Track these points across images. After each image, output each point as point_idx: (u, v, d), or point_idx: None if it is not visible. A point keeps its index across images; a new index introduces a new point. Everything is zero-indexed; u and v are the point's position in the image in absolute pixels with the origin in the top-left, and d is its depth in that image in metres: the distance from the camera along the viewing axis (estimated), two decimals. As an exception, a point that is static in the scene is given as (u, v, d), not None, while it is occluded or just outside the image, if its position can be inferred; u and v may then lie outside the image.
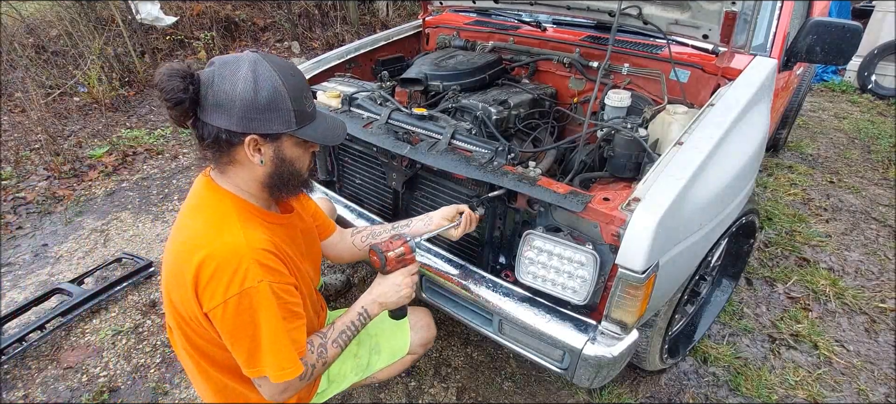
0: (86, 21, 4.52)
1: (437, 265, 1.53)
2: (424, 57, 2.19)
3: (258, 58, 0.95)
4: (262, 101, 0.93)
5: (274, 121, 0.96)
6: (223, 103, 0.92)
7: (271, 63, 0.96)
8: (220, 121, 0.93)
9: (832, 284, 2.33)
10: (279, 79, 0.95)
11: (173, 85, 0.89)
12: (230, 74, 0.92)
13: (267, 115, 0.95)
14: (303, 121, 1.00)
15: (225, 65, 0.94)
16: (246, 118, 0.93)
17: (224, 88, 0.92)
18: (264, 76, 0.93)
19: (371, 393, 1.77)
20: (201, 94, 0.93)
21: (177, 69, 0.91)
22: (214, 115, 0.93)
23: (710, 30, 1.67)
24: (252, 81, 0.92)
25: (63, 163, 3.28)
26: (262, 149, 0.99)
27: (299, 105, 0.98)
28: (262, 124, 0.95)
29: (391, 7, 6.82)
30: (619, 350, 1.23)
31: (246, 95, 0.92)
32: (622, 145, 1.38)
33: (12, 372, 1.85)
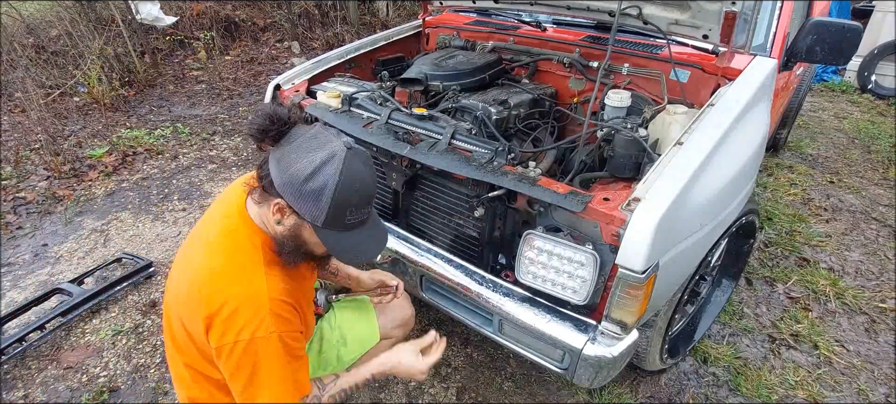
0: (86, 21, 4.52)
1: (437, 265, 1.53)
2: (424, 57, 2.19)
3: (341, 155, 0.96)
4: (309, 189, 0.95)
5: (305, 208, 0.98)
6: (281, 165, 0.96)
7: (347, 168, 0.96)
8: (273, 172, 0.98)
9: (832, 284, 2.33)
10: (337, 184, 0.96)
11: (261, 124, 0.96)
12: (307, 150, 0.96)
13: (303, 200, 0.97)
14: (333, 226, 1.00)
15: (314, 138, 0.97)
16: (287, 186, 0.96)
17: (291, 155, 0.96)
18: (325, 174, 0.95)
19: (371, 394, 1.77)
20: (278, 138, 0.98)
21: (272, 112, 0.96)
22: (274, 166, 0.98)
23: (710, 30, 1.67)
24: (313, 169, 0.95)
25: (63, 163, 3.28)
26: (285, 217, 1.01)
27: (338, 213, 0.99)
28: (294, 201, 0.98)
29: (391, 7, 6.82)
30: (619, 350, 1.23)
31: (300, 174, 0.95)
32: (622, 145, 1.38)
33: (12, 372, 1.85)
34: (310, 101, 1.87)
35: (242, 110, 4.44)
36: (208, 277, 1.01)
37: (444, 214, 1.61)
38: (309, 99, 1.92)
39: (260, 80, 5.13)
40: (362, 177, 0.99)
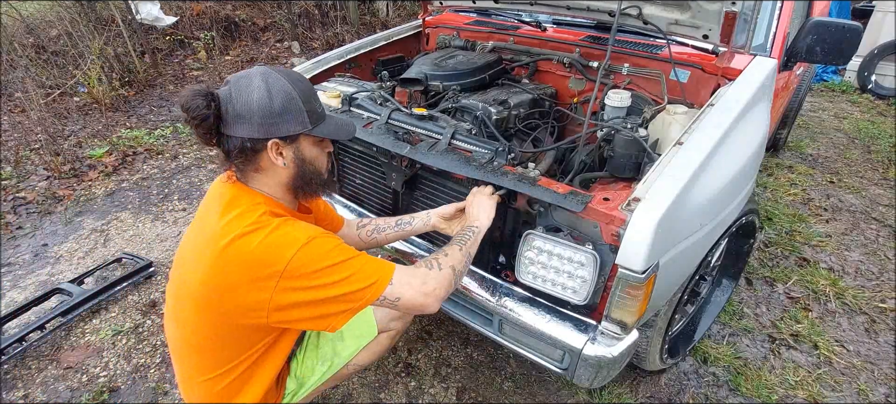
0: (86, 21, 4.52)
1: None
2: (424, 57, 2.19)
3: (267, 69, 1.04)
4: (278, 106, 1.02)
5: (291, 123, 1.04)
6: (243, 114, 1.01)
7: (279, 72, 1.05)
8: (243, 131, 1.01)
9: (832, 284, 2.33)
10: (289, 85, 1.04)
11: (197, 104, 0.97)
12: (245, 87, 1.01)
13: (284, 119, 1.03)
14: (316, 121, 1.09)
15: (238, 80, 1.03)
16: (265, 124, 1.02)
17: (242, 100, 1.00)
18: (276, 84, 1.02)
19: (371, 394, 1.77)
20: (223, 111, 1.01)
21: (198, 90, 0.99)
22: (237, 127, 1.01)
23: (710, 30, 1.67)
24: (266, 90, 1.01)
25: (63, 163, 3.28)
26: (284, 152, 1.07)
27: (310, 106, 1.08)
28: (280, 128, 1.03)
29: (391, 7, 6.82)
30: (619, 350, 1.23)
31: (263, 103, 1.00)
32: (622, 145, 1.38)
33: (12, 372, 1.85)
34: (310, 101, 1.87)
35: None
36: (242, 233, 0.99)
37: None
38: (309, 99, 1.92)
39: (260, 80, 5.12)
40: (290, 72, 1.09)
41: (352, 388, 1.78)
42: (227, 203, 1.06)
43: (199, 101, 0.97)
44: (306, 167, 1.12)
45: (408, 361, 1.91)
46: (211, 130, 1.02)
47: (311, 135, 1.09)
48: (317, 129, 1.09)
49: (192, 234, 1.11)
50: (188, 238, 1.13)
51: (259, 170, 1.08)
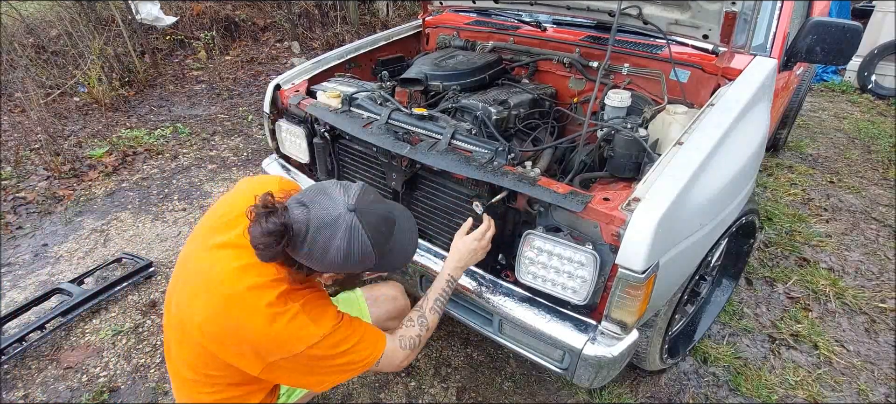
0: (86, 21, 4.52)
1: (436, 265, 1.53)
2: (424, 57, 2.19)
3: (354, 222, 0.97)
4: (351, 264, 0.99)
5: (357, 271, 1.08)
6: (314, 259, 0.97)
7: (366, 226, 0.98)
8: (306, 262, 0.99)
9: (832, 284, 2.33)
10: (370, 244, 0.99)
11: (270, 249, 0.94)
12: (324, 241, 0.96)
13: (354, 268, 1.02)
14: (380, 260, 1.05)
15: (321, 228, 0.96)
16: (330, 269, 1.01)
17: (317, 251, 0.96)
18: (357, 246, 0.98)
19: (371, 394, 1.77)
20: (293, 243, 0.96)
21: (273, 231, 0.92)
22: (303, 258, 0.98)
23: (710, 30, 1.67)
24: (344, 251, 0.97)
25: (63, 163, 3.28)
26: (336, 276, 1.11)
27: (381, 251, 1.04)
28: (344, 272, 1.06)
29: (391, 7, 6.82)
30: (619, 350, 1.23)
31: (336, 260, 0.97)
32: (622, 145, 1.38)
33: (12, 372, 1.85)
34: (310, 101, 1.88)
35: (242, 110, 4.44)
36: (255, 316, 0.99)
37: (444, 214, 1.61)
38: (309, 99, 1.92)
39: (260, 80, 5.13)
40: (378, 218, 1.02)
41: (352, 388, 1.78)
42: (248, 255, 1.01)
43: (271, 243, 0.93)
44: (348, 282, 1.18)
45: (408, 361, 1.91)
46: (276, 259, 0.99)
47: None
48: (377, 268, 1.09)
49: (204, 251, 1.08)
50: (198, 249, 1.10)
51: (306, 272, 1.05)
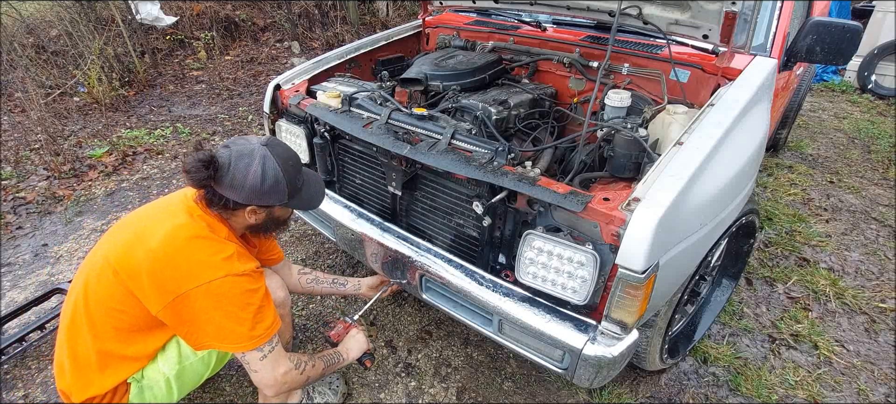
0: (86, 21, 4.52)
1: (437, 265, 1.53)
2: (424, 57, 2.19)
3: (267, 153, 1.23)
4: (267, 187, 1.24)
5: (272, 199, 1.27)
6: (235, 186, 1.21)
7: (277, 156, 1.25)
8: (231, 195, 1.22)
9: (832, 284, 2.33)
10: (281, 171, 1.25)
11: (198, 169, 1.16)
12: (244, 166, 1.21)
13: (268, 196, 1.25)
14: (293, 194, 1.31)
15: (241, 155, 1.22)
16: (251, 197, 1.24)
17: (238, 176, 1.21)
18: (270, 170, 1.23)
19: (371, 394, 1.77)
20: (218, 175, 1.20)
21: (202, 159, 1.16)
22: (227, 191, 1.22)
23: (710, 30, 1.67)
24: (261, 173, 1.22)
25: (63, 163, 3.28)
26: (257, 213, 1.29)
27: (293, 186, 1.30)
28: (261, 201, 1.26)
29: (391, 7, 6.82)
30: (619, 350, 1.23)
31: (254, 183, 1.22)
32: (622, 145, 1.38)
33: (12, 372, 1.85)
34: (310, 101, 1.88)
35: (242, 110, 4.44)
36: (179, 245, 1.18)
37: (443, 214, 1.61)
38: (309, 99, 1.92)
39: (260, 80, 5.13)
40: (286, 152, 1.30)
41: (352, 388, 1.78)
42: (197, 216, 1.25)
43: (200, 168, 1.15)
44: (271, 222, 1.36)
45: (408, 361, 1.91)
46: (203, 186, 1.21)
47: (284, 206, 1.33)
48: (291, 202, 1.33)
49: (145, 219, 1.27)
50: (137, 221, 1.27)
51: (230, 215, 1.29)
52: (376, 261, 1.73)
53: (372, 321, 2.09)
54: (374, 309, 2.15)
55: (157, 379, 1.31)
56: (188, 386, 1.38)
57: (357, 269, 2.39)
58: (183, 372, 1.34)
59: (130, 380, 1.28)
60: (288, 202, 1.31)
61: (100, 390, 1.24)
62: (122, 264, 1.19)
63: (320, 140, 1.87)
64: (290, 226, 1.55)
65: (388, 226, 1.72)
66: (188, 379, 1.37)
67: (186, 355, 1.34)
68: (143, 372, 1.30)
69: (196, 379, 1.40)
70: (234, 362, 1.85)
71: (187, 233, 1.20)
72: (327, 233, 1.92)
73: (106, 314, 1.21)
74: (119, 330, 1.22)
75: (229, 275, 1.18)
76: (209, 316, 1.19)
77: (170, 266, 1.16)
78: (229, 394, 1.75)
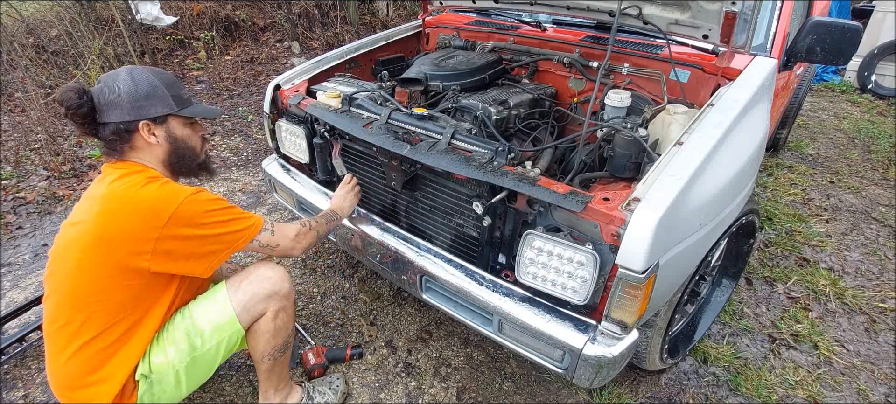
0: (86, 21, 4.52)
1: (436, 265, 1.53)
2: (424, 57, 2.19)
3: (132, 66, 1.26)
4: (143, 91, 1.22)
5: (157, 105, 1.24)
6: (112, 101, 1.20)
7: (143, 67, 1.27)
8: (115, 116, 1.21)
9: (832, 284, 2.33)
10: (152, 75, 1.25)
11: (70, 96, 1.16)
12: (112, 80, 1.21)
13: (150, 102, 1.23)
14: (182, 104, 1.30)
15: (107, 76, 1.23)
16: (134, 107, 1.21)
17: (110, 90, 1.20)
18: (140, 75, 1.23)
19: (371, 394, 1.77)
20: (96, 102, 1.20)
21: (71, 86, 1.17)
22: (110, 114, 1.21)
23: (710, 30, 1.67)
24: (130, 79, 1.22)
25: (63, 163, 3.28)
26: (156, 132, 1.26)
27: (174, 92, 1.28)
28: (148, 110, 1.23)
29: (391, 7, 6.82)
30: (619, 350, 1.23)
31: (129, 89, 1.20)
32: (622, 145, 1.38)
33: (12, 372, 1.85)
34: (310, 101, 1.88)
35: (242, 110, 4.44)
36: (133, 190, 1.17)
37: (444, 214, 1.61)
38: (309, 99, 1.92)
39: (260, 79, 5.13)
40: (155, 68, 1.30)
41: (351, 388, 1.79)
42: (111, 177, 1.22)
43: (71, 94, 1.15)
44: (179, 145, 1.31)
45: (408, 361, 1.91)
46: (86, 120, 1.20)
47: (179, 116, 1.30)
48: (183, 111, 1.30)
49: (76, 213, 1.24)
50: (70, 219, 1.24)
51: (134, 148, 1.25)
52: (376, 261, 1.73)
53: (372, 321, 2.09)
54: (374, 310, 2.15)
55: (166, 373, 1.27)
56: (200, 377, 1.36)
57: (357, 269, 2.39)
58: (194, 364, 1.30)
59: (139, 377, 1.25)
60: (178, 110, 1.28)
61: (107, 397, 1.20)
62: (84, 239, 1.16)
63: (320, 140, 1.87)
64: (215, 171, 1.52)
65: (388, 226, 1.72)
66: (199, 371, 1.34)
67: (197, 346, 1.30)
68: (149, 363, 1.26)
69: (208, 370, 1.36)
70: (234, 362, 1.86)
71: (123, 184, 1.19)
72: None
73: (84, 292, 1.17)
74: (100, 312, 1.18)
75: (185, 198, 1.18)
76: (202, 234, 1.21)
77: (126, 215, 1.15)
78: (229, 394, 1.75)
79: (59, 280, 1.20)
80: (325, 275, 2.36)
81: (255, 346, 1.42)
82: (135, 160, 1.26)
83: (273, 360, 1.45)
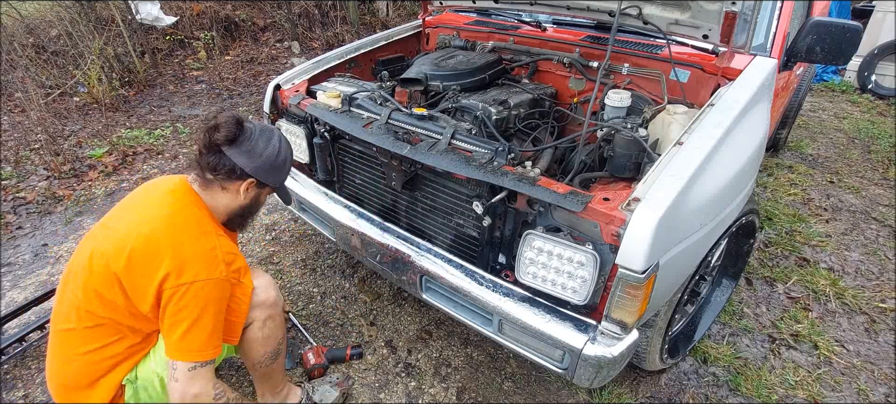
0: (86, 21, 4.52)
1: (437, 265, 1.53)
2: (424, 57, 2.19)
3: (283, 136, 1.37)
4: (279, 162, 1.33)
5: (272, 178, 1.34)
6: (254, 153, 1.27)
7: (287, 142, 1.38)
8: (241, 161, 1.25)
9: (832, 284, 2.33)
10: (289, 155, 1.38)
11: (232, 128, 1.22)
12: (266, 138, 1.30)
13: (271, 173, 1.33)
14: (281, 183, 1.42)
15: (265, 129, 1.32)
16: (260, 168, 1.29)
17: (259, 145, 1.28)
18: (285, 150, 1.35)
19: (371, 394, 1.77)
20: (241, 138, 1.25)
21: (237, 117, 1.25)
22: (241, 156, 1.25)
23: (710, 30, 1.67)
24: (277, 148, 1.32)
25: (63, 163, 3.28)
26: (249, 190, 1.33)
27: (286, 175, 1.42)
28: (266, 177, 1.32)
29: (391, 7, 6.82)
30: (619, 350, 1.23)
31: (270, 155, 1.30)
32: (622, 145, 1.38)
33: (12, 372, 1.85)
34: (310, 101, 1.88)
35: (242, 110, 4.44)
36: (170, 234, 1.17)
37: (443, 214, 1.61)
38: (309, 99, 1.92)
39: (260, 79, 5.13)
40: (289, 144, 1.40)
41: (352, 388, 1.78)
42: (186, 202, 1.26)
43: (234, 125, 1.22)
44: (253, 209, 1.40)
45: (408, 361, 1.91)
46: (220, 147, 1.23)
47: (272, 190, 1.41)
48: (279, 190, 1.44)
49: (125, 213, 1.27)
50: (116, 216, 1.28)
51: (223, 189, 1.30)
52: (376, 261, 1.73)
53: (372, 321, 2.09)
54: (374, 310, 2.15)
55: (151, 379, 1.28)
56: None
57: (357, 269, 2.39)
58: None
59: (125, 382, 1.27)
60: (277, 187, 1.40)
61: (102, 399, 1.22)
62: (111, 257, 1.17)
63: (320, 140, 1.87)
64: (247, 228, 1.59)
65: (388, 226, 1.72)
66: None
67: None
68: (136, 371, 1.28)
69: None
70: (235, 362, 1.86)
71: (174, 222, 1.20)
72: (327, 233, 1.92)
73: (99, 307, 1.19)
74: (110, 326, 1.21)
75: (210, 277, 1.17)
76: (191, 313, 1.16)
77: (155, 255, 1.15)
78: (229, 394, 1.75)
79: (77, 284, 1.20)
80: (325, 275, 2.36)
81: (245, 354, 1.43)
82: (209, 198, 1.31)
83: (264, 367, 1.46)
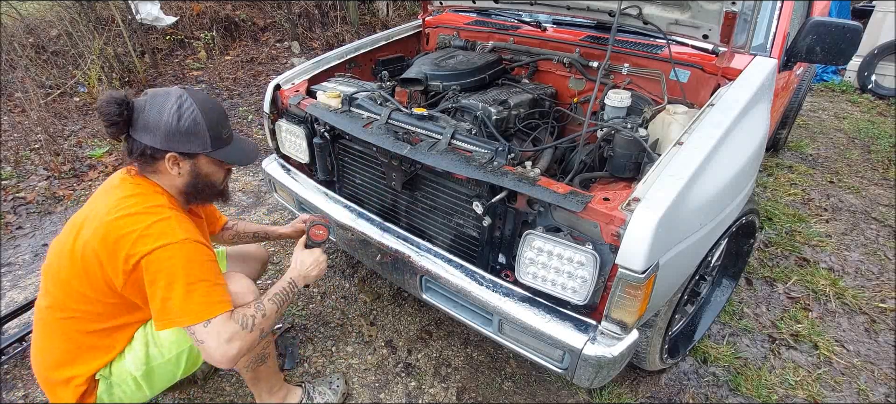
0: (86, 21, 4.52)
1: (437, 265, 1.53)
2: (424, 57, 2.19)
3: (186, 93, 1.20)
4: (184, 127, 1.18)
5: (192, 143, 1.21)
6: (150, 125, 1.17)
7: (195, 99, 1.21)
8: (146, 139, 1.17)
9: (832, 284, 2.33)
10: (200, 112, 1.20)
11: (110, 110, 1.13)
12: (159, 104, 1.17)
13: (186, 139, 1.20)
14: (218, 145, 1.26)
15: (156, 95, 1.19)
16: (167, 139, 1.18)
17: (152, 116, 1.17)
18: (187, 108, 1.19)
19: (371, 394, 1.77)
20: (134, 117, 1.17)
21: (115, 97, 1.14)
22: (142, 135, 1.17)
23: (710, 30, 1.67)
24: (176, 111, 1.17)
25: (63, 163, 3.28)
26: (180, 164, 1.23)
27: (216, 132, 1.24)
28: (180, 145, 1.20)
29: (391, 7, 6.82)
30: (619, 350, 1.23)
31: (170, 121, 1.17)
32: (622, 145, 1.38)
33: (12, 372, 1.85)
34: (310, 101, 1.88)
35: (242, 110, 4.44)
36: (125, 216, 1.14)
37: (444, 214, 1.61)
38: (309, 99, 1.92)
39: (260, 79, 5.13)
40: (207, 100, 1.24)
41: (351, 388, 1.79)
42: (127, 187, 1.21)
43: (112, 107, 1.12)
44: (200, 180, 1.28)
45: (408, 361, 1.91)
46: (119, 131, 1.17)
47: (209, 156, 1.25)
48: (216, 153, 1.26)
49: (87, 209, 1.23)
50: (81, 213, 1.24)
51: (156, 171, 1.24)
52: (376, 261, 1.73)
53: (372, 321, 2.09)
54: (374, 310, 2.15)
55: (124, 377, 1.27)
56: (159, 385, 1.34)
57: (357, 269, 2.39)
58: (151, 373, 1.30)
59: (99, 377, 1.25)
60: (212, 150, 1.23)
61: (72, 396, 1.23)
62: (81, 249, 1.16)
63: (320, 140, 1.87)
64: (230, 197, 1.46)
65: (388, 226, 1.72)
66: (158, 380, 1.32)
67: (154, 356, 1.29)
68: (110, 368, 1.26)
69: (168, 379, 1.34)
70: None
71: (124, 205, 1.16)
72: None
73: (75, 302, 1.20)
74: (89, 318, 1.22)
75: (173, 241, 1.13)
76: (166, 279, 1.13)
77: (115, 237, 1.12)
78: (229, 394, 1.75)
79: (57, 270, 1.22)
80: (325, 275, 2.37)
81: None
82: (158, 180, 1.25)
83: (251, 371, 1.45)
